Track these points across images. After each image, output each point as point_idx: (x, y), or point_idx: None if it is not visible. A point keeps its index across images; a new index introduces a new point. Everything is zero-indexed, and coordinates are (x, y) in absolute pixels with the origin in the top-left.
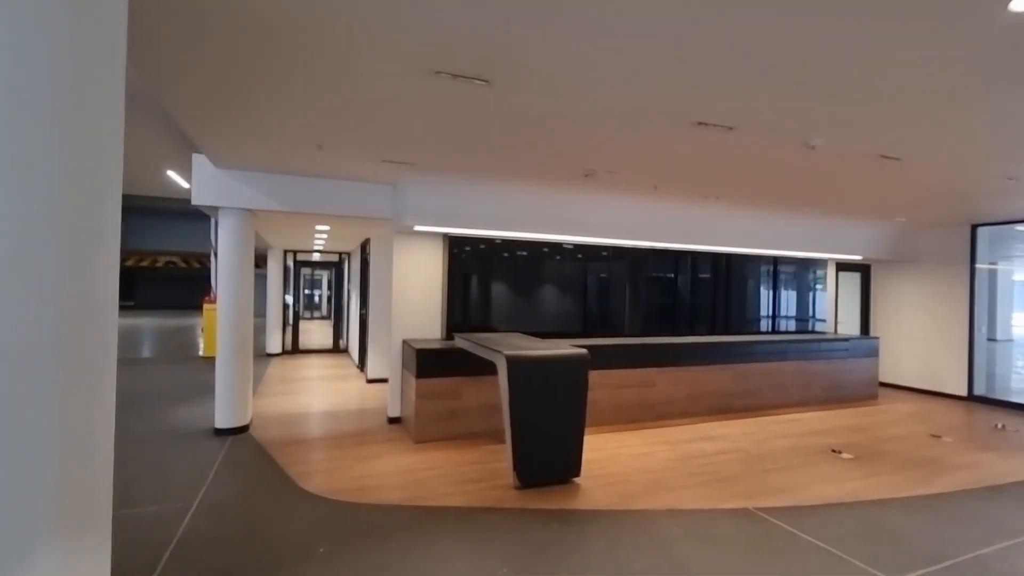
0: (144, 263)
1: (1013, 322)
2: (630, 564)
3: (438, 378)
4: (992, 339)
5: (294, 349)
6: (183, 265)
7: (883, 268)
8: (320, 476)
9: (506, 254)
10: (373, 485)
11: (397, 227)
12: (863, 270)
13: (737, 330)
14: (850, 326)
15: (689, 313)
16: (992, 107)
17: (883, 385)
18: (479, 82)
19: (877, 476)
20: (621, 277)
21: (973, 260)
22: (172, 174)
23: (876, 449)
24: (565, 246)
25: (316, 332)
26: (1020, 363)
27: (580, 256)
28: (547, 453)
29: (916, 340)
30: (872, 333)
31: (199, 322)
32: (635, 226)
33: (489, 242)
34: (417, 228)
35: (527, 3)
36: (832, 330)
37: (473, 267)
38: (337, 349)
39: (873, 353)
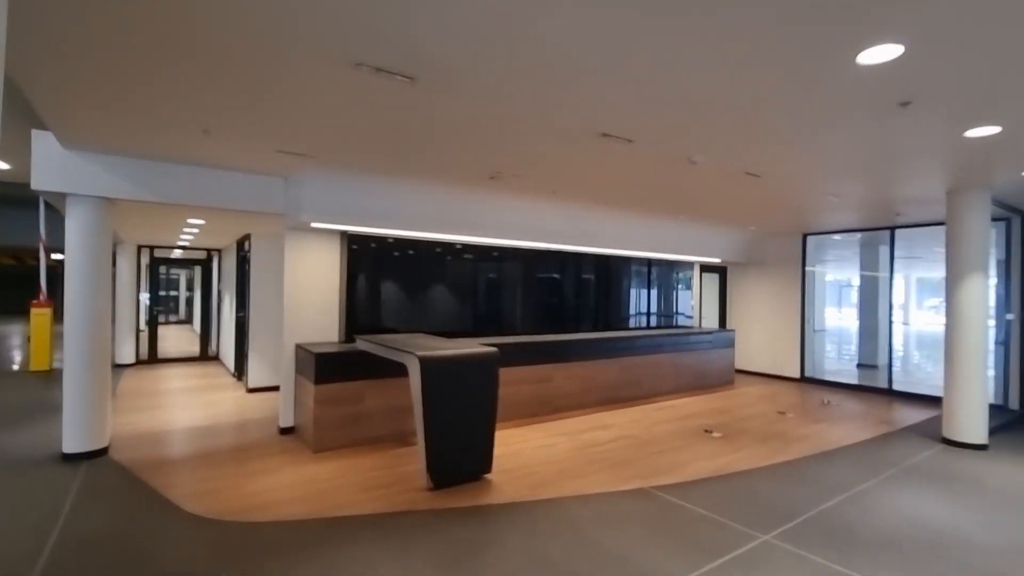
0: None
1: (825, 315)
2: (548, 549)
3: (339, 383)
4: (816, 330)
5: (151, 358)
6: None
7: (737, 269)
8: (208, 497)
9: (406, 253)
10: (272, 501)
11: (291, 223)
12: (721, 271)
13: (618, 327)
14: (711, 321)
15: (576, 311)
16: (833, 138)
17: (738, 372)
18: (403, 79)
19: (742, 450)
20: (513, 277)
21: (804, 264)
22: None
23: (738, 427)
24: (462, 247)
25: (174, 338)
26: (829, 348)
27: (475, 257)
28: (460, 452)
29: (762, 332)
30: (729, 327)
31: (24, 330)
32: (533, 228)
33: (389, 241)
34: (315, 225)
35: (466, 2)
36: (697, 325)
37: (373, 267)
38: (205, 357)
39: (730, 344)
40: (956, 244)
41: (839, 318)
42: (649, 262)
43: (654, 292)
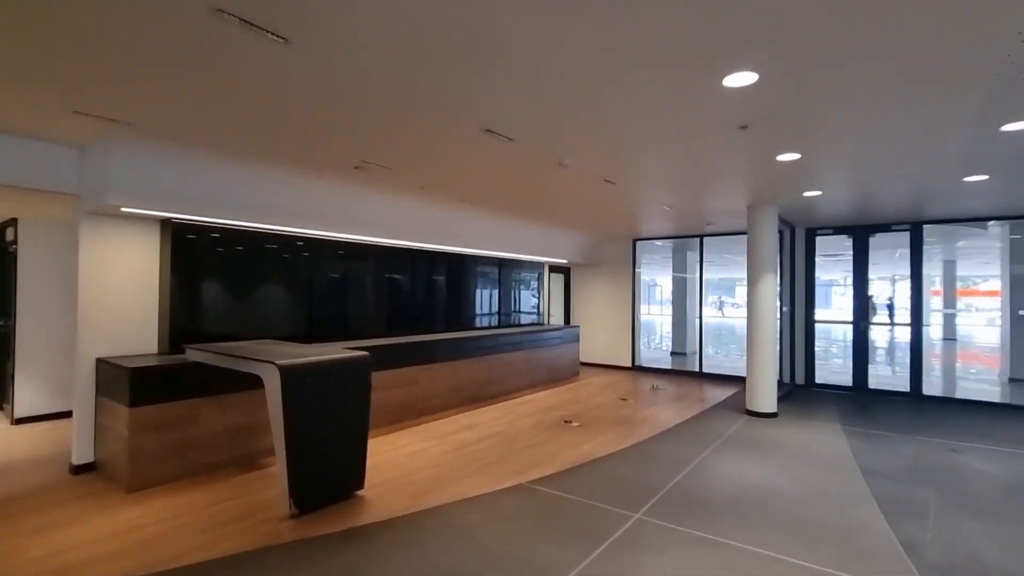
0: None
1: (645, 311)
2: (440, 562)
3: (163, 403)
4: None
5: None
6: None
7: (579, 270)
8: None
9: (247, 249)
10: (80, 560)
11: (90, 206)
12: (565, 272)
13: (473, 326)
14: (557, 318)
15: (432, 312)
16: (683, 153)
17: (583, 364)
18: (274, 37)
19: (599, 437)
20: (366, 277)
21: (634, 265)
22: None
23: (591, 416)
24: (311, 242)
25: None
26: (645, 339)
27: (325, 254)
28: (328, 470)
29: (600, 327)
30: (573, 323)
31: None
32: (393, 225)
33: (226, 233)
34: (126, 210)
35: None
36: (546, 322)
37: (204, 264)
38: None
39: (576, 339)
40: (754, 250)
41: (647, 313)
42: (500, 262)
43: (506, 291)
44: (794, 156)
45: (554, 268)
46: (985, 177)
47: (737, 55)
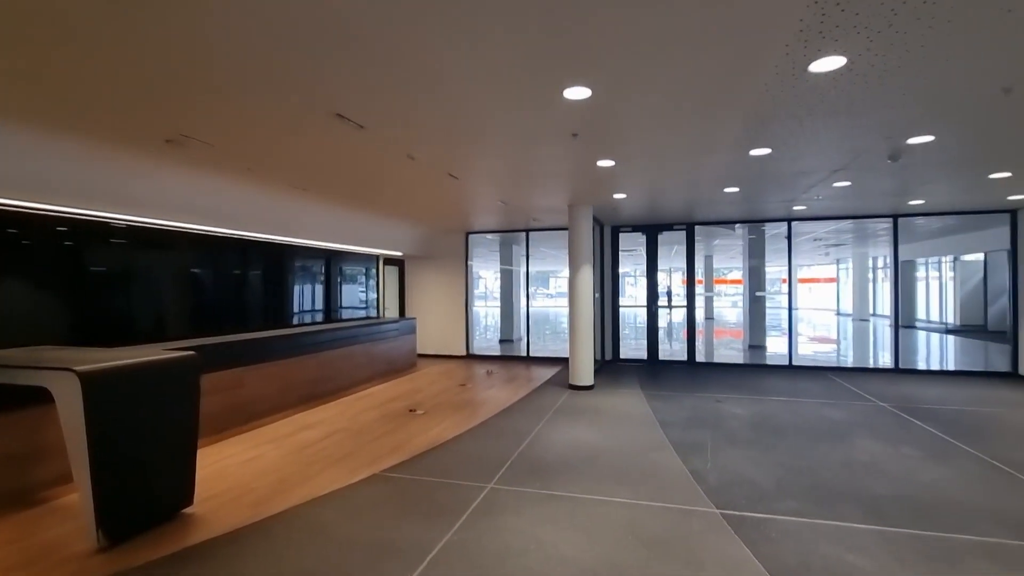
0: None
1: (476, 303)
2: (298, 565)
3: None
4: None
5: None
6: None
7: (413, 262)
8: None
9: (21, 235)
10: None
11: None
12: (400, 264)
13: (306, 321)
14: (393, 311)
15: (260, 307)
16: (522, 154)
17: (420, 355)
18: None
19: (445, 421)
20: (176, 270)
21: (467, 258)
22: None
23: (434, 403)
24: (98, 228)
25: None
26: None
27: (121, 242)
28: (148, 488)
29: (435, 318)
30: (408, 315)
31: None
32: (212, 210)
33: None
34: None
35: None
36: (382, 315)
37: None
38: None
39: (413, 331)
40: (575, 244)
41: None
42: (332, 253)
43: (339, 284)
44: (610, 163)
45: (389, 260)
46: (737, 189)
47: (575, 72)
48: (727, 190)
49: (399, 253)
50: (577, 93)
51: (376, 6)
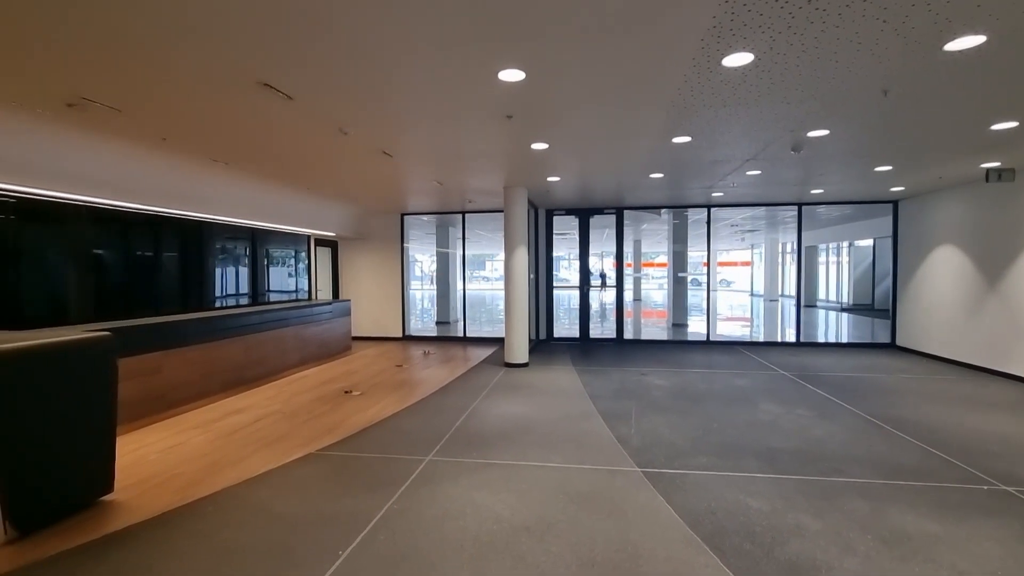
0: None
1: (411, 285)
2: (235, 542)
3: None
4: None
5: None
6: None
7: (347, 244)
8: None
9: None
10: None
11: None
12: (333, 245)
13: (231, 304)
14: (326, 293)
15: (179, 288)
16: (454, 133)
17: (355, 338)
18: None
19: (382, 400)
20: (79, 247)
21: (403, 240)
22: None
23: (371, 383)
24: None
25: None
26: (416, 312)
27: (31, 218)
28: (62, 475)
29: (370, 300)
30: (343, 297)
31: None
32: (122, 183)
33: None
34: None
35: None
36: (314, 297)
37: None
38: None
39: (347, 313)
40: (510, 226)
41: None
42: (258, 232)
43: (267, 265)
44: (543, 146)
45: (321, 242)
46: (661, 175)
47: (509, 55)
48: (652, 176)
49: (332, 234)
50: (512, 75)
51: None
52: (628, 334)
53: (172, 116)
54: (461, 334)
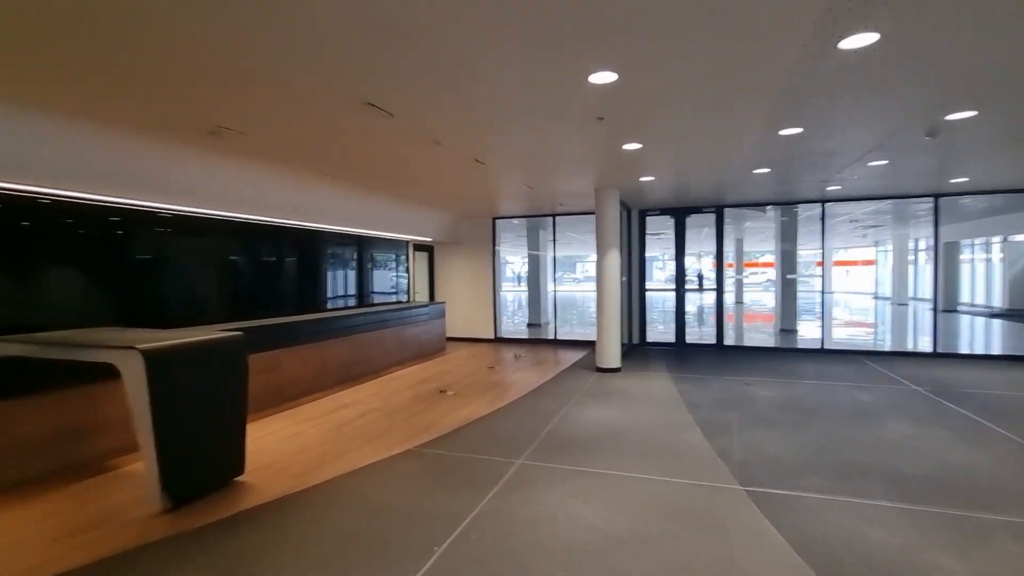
0: None
1: (502, 287)
2: (341, 527)
3: None
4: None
5: None
6: None
7: (442, 248)
8: None
9: (76, 224)
10: None
11: None
12: (429, 249)
13: (339, 305)
14: (422, 295)
15: (293, 292)
16: (546, 138)
17: (448, 339)
18: None
19: (474, 401)
20: (210, 255)
21: (494, 243)
22: None
23: (464, 384)
24: (146, 217)
25: None
26: (507, 314)
27: (165, 231)
28: (203, 458)
29: (463, 302)
30: (437, 299)
31: None
32: (250, 198)
33: (38, 204)
34: None
35: None
36: (412, 299)
37: (7, 240)
38: None
39: (442, 315)
40: (602, 228)
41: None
42: (362, 239)
43: (369, 269)
44: (637, 146)
45: (419, 246)
46: (767, 170)
47: (601, 56)
48: (757, 171)
49: (428, 239)
50: (603, 78)
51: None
52: (729, 340)
53: (289, 138)
54: (552, 337)
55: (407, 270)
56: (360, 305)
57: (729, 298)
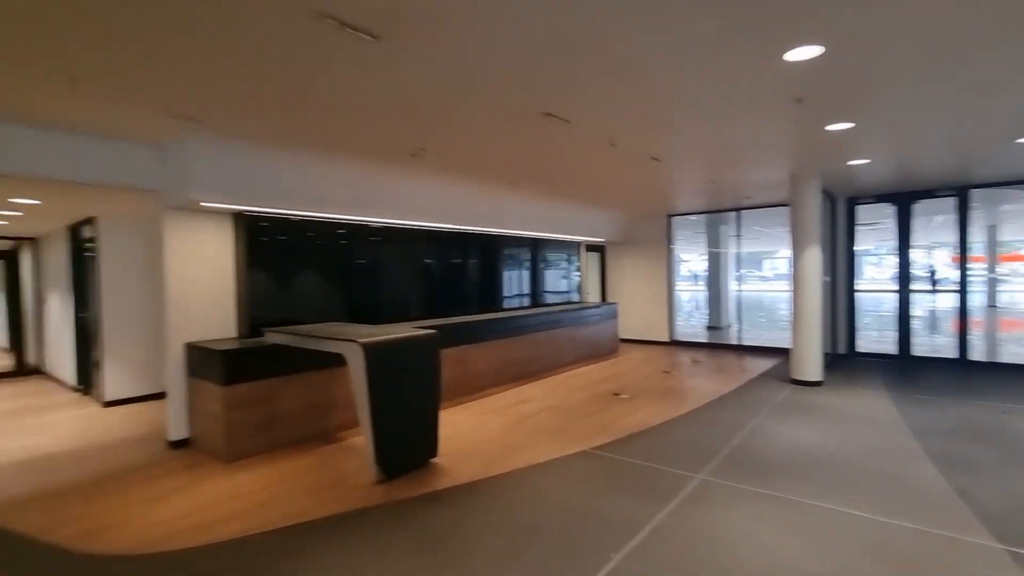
0: None
1: (677, 287)
2: (524, 517)
3: (250, 382)
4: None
5: None
6: None
7: (615, 248)
8: (107, 533)
9: (305, 237)
10: (201, 523)
11: (173, 202)
12: (600, 249)
13: (516, 306)
14: (594, 296)
15: (475, 293)
16: (731, 128)
17: (621, 340)
18: (367, 37)
19: (650, 406)
20: (409, 260)
21: (669, 241)
22: None
23: (639, 387)
24: (363, 229)
25: None
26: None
27: (374, 240)
28: (407, 439)
29: (637, 303)
30: (609, 300)
31: None
32: (443, 209)
33: (294, 223)
34: (206, 205)
35: None
36: (583, 300)
37: (270, 252)
38: (23, 371)
39: (615, 315)
40: (799, 221)
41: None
42: (536, 242)
43: (544, 271)
44: (847, 125)
45: (590, 247)
46: None
47: (803, 29)
48: (1022, 140)
49: (600, 239)
50: (803, 53)
51: (586, 11)
52: (976, 353)
53: (475, 153)
54: (735, 341)
55: (579, 270)
56: (534, 305)
57: (977, 300)
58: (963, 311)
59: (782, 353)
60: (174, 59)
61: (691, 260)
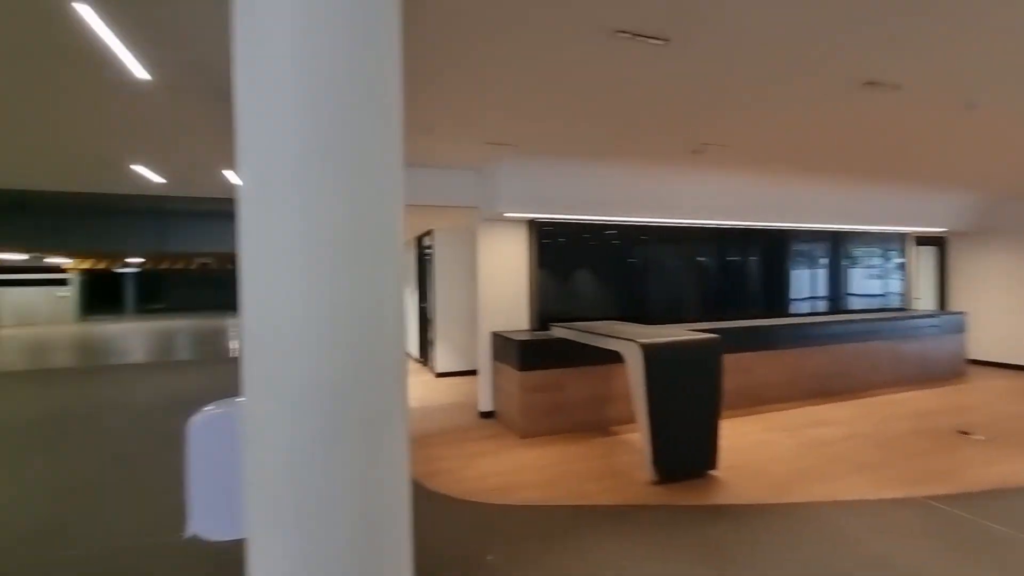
0: (178, 266)
1: None
2: (825, 559)
3: (540, 370)
4: None
5: None
6: (214, 267)
7: (961, 241)
8: (441, 477)
9: (590, 239)
10: (507, 484)
11: (486, 215)
12: (938, 243)
13: (815, 310)
14: (926, 302)
15: (763, 295)
16: None
17: (970, 362)
18: (657, 41)
19: (1021, 457)
20: (691, 260)
21: None
22: (228, 174)
23: (1002, 428)
24: (642, 229)
25: None
26: None
27: (652, 239)
28: (684, 445)
29: (998, 314)
30: (952, 308)
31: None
32: (726, 205)
33: (574, 226)
34: (508, 215)
35: None
36: (909, 307)
37: (559, 254)
38: None
39: (960, 329)
40: None
41: None
42: (835, 236)
43: (853, 270)
44: None
45: (921, 239)
46: None
47: None
48: None
49: (937, 229)
50: None
51: None
52: None
53: (769, 141)
54: None
55: (902, 269)
56: (834, 311)
57: None
58: None
59: None
60: (496, 93)
61: None
